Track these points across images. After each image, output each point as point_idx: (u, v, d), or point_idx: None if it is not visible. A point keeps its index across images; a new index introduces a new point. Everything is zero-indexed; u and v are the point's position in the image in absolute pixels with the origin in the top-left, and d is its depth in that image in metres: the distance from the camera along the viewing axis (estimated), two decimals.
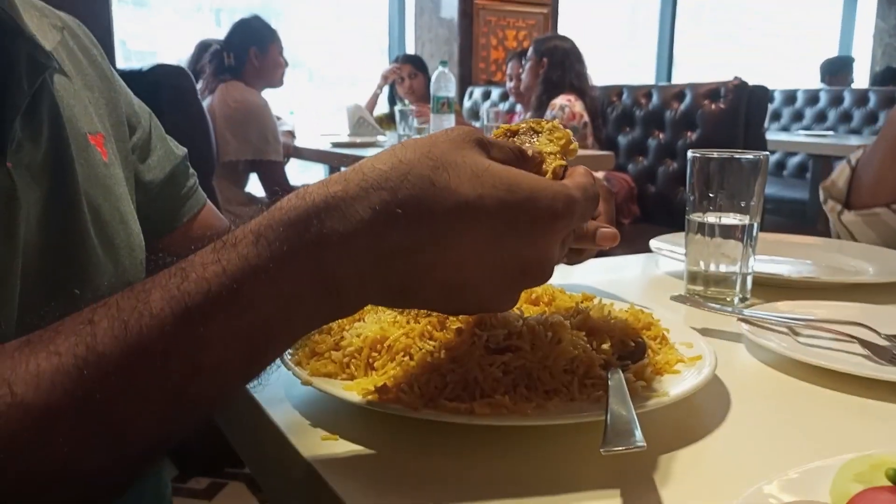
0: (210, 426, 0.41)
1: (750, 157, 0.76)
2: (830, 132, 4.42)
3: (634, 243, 1.34)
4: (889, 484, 0.36)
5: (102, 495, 0.37)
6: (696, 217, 0.80)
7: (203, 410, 0.39)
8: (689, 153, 0.79)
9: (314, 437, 0.47)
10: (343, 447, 0.46)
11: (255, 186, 2.91)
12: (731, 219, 0.78)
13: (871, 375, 0.56)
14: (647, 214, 2.94)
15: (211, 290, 0.36)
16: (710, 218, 0.79)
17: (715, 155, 0.78)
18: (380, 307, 0.55)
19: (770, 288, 0.84)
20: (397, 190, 0.38)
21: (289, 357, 0.52)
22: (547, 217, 0.40)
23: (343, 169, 0.41)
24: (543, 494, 0.41)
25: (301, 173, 3.67)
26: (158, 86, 1.87)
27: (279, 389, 0.53)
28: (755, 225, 0.78)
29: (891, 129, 1.02)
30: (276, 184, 2.74)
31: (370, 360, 0.51)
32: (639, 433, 0.40)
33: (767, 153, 0.79)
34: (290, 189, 0.41)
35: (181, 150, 0.79)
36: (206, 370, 0.36)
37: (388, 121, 3.84)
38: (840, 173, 1.14)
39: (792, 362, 0.61)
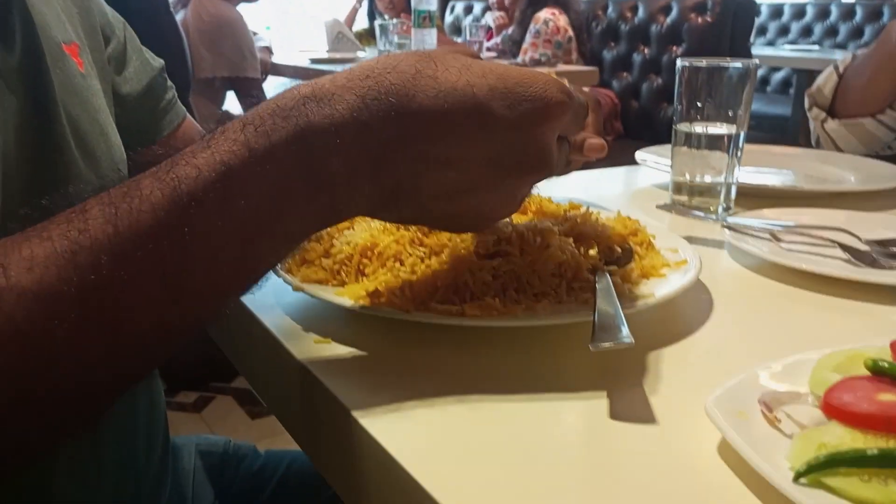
0: (197, 341, 0.40)
1: (738, 65, 0.76)
2: (816, 46, 4.37)
3: (618, 160, 1.33)
4: (866, 374, 0.38)
5: (100, 393, 0.38)
6: (682, 127, 0.79)
7: (196, 310, 0.38)
8: (679, 62, 0.78)
9: (307, 342, 0.48)
10: (336, 350, 0.47)
11: (232, 104, 2.85)
12: (717, 128, 0.78)
13: (851, 277, 0.58)
14: (630, 131, 2.93)
15: (201, 174, 0.35)
16: (697, 128, 0.79)
17: (704, 64, 0.77)
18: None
19: (754, 198, 0.84)
20: (382, 78, 0.38)
21: (279, 265, 0.53)
22: (541, 103, 0.39)
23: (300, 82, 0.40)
24: (533, 391, 0.43)
25: (279, 90, 3.58)
26: None
27: (270, 296, 0.53)
28: (741, 135, 0.78)
29: (887, 43, 1.01)
30: (254, 102, 2.68)
31: (360, 267, 0.51)
32: (626, 329, 0.41)
33: (756, 61, 0.78)
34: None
35: (158, 62, 0.77)
36: (197, 259, 0.36)
37: (367, 36, 3.73)
38: (826, 80, 1.13)
39: (774, 266, 0.62)
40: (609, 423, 0.40)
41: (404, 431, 0.39)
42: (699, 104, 0.78)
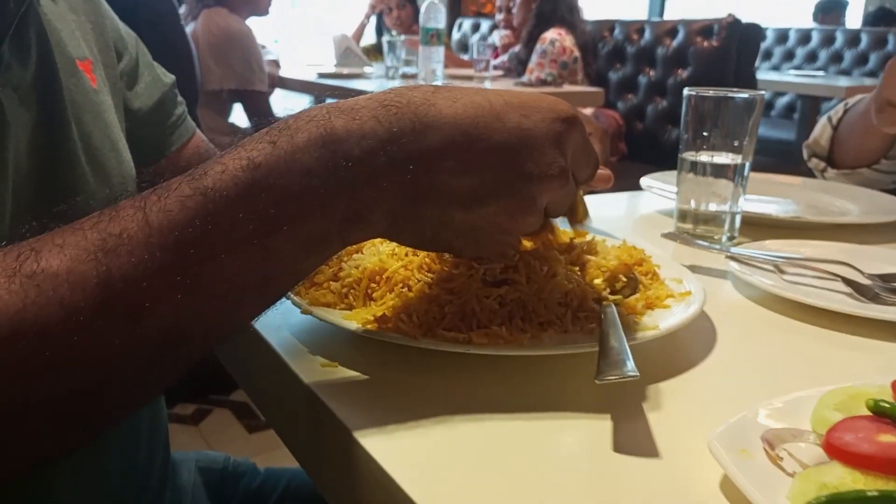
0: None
1: (745, 96, 0.76)
2: (821, 72, 4.40)
3: (622, 181, 1.34)
4: (867, 413, 0.38)
5: (113, 394, 0.38)
6: (688, 156, 0.80)
7: (212, 312, 0.38)
8: (686, 91, 0.79)
9: (313, 364, 0.48)
10: (342, 374, 0.47)
11: (239, 117, 2.87)
12: (723, 158, 0.78)
13: (853, 312, 0.58)
14: (634, 152, 2.94)
15: (227, 169, 0.37)
16: (703, 157, 0.79)
17: (710, 93, 0.78)
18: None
19: (758, 227, 0.85)
20: (403, 92, 0.40)
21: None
22: (553, 112, 0.42)
23: (329, 101, 0.42)
24: (537, 419, 0.43)
25: (286, 104, 3.61)
26: (137, 6, 1.81)
27: (277, 318, 0.54)
28: (747, 164, 0.79)
29: (872, 112, 1.02)
30: (261, 114, 2.70)
31: (368, 291, 0.52)
32: (631, 363, 0.42)
33: (763, 93, 0.79)
34: (276, 119, 0.41)
35: (169, 78, 0.78)
36: (218, 251, 0.37)
37: (374, 52, 3.76)
38: (822, 132, 1.16)
39: (777, 299, 0.62)
40: (612, 454, 0.40)
41: (406, 454, 0.39)
42: (705, 133, 0.78)
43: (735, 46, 2.66)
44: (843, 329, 0.58)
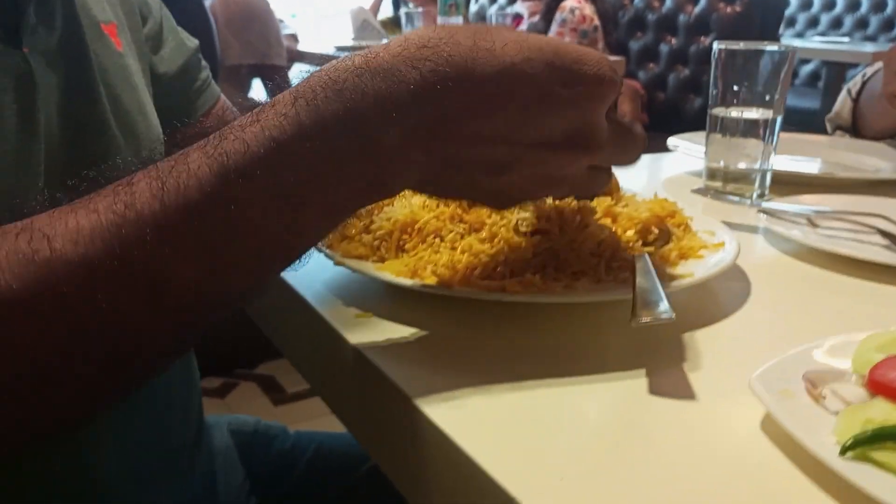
0: (223, 325, 0.40)
1: (777, 48, 0.75)
2: (846, 38, 4.30)
3: (644, 153, 1.33)
4: None
5: (139, 363, 0.38)
6: (718, 112, 0.79)
7: (236, 284, 0.38)
8: (715, 44, 0.78)
9: (348, 316, 0.48)
10: (377, 324, 0.48)
11: (258, 92, 2.87)
12: (754, 113, 0.77)
13: (890, 262, 0.57)
14: (656, 123, 2.90)
15: (249, 149, 0.35)
16: (733, 112, 0.78)
17: (741, 47, 0.76)
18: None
19: (788, 185, 0.84)
20: (440, 48, 0.37)
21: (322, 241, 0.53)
22: (595, 81, 0.39)
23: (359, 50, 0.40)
24: (573, 367, 0.43)
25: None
26: None
27: (309, 273, 0.54)
28: (778, 120, 0.78)
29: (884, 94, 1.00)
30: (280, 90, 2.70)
31: (400, 243, 0.52)
32: (666, 304, 0.41)
33: (795, 46, 0.77)
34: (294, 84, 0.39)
35: (193, 42, 0.77)
36: (240, 233, 0.36)
37: (392, 25, 3.73)
38: (843, 105, 1.15)
39: (811, 252, 0.62)
40: (649, 398, 0.40)
41: (457, 411, 0.39)
42: (735, 88, 0.77)
43: (758, 12, 2.61)
44: (881, 280, 0.57)
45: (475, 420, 0.38)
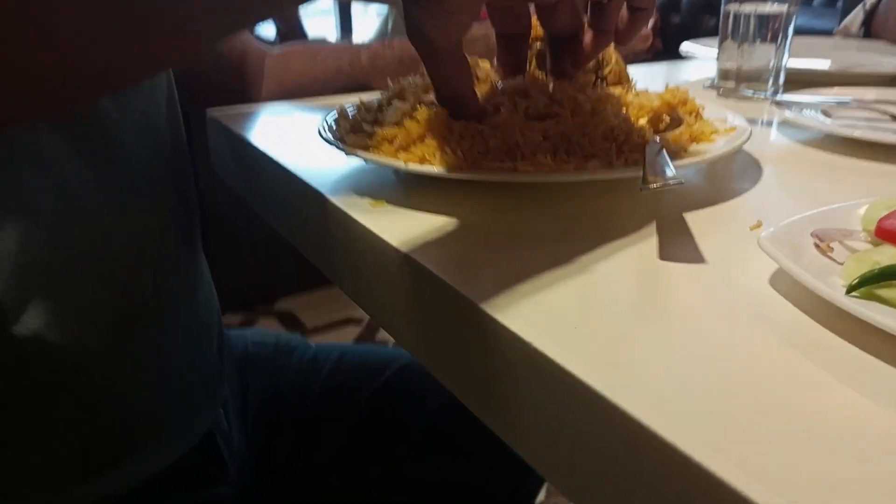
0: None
1: None
2: None
3: (658, 83, 1.31)
4: None
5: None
6: (732, 7, 0.78)
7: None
8: None
9: (362, 205, 0.49)
10: (392, 211, 0.48)
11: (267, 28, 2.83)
12: (768, 7, 0.76)
13: None
14: (670, 48, 2.84)
15: None
16: (747, 7, 0.77)
17: None
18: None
19: (802, 85, 0.82)
20: None
21: (328, 133, 0.54)
22: None
23: None
24: (585, 243, 0.43)
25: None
26: None
27: (323, 172, 0.55)
28: (793, 15, 0.76)
29: None
30: (289, 21, 2.66)
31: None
32: (674, 171, 0.42)
33: None
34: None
35: None
36: None
37: None
38: (853, 19, 1.12)
39: (827, 139, 0.61)
40: (658, 263, 0.41)
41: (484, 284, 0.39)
42: None
43: None
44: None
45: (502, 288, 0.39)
